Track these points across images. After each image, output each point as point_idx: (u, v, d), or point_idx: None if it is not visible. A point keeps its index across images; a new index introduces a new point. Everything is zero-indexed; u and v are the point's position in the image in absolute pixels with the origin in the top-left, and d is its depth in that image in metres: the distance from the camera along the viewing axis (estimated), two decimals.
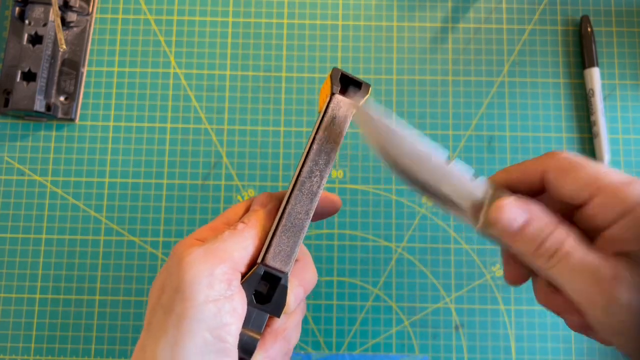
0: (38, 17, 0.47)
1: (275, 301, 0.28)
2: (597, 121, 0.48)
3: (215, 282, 0.26)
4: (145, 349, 0.26)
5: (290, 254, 0.28)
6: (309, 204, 0.28)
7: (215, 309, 0.25)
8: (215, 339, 0.25)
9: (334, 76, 0.29)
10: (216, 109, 0.49)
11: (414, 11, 0.51)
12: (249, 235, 0.28)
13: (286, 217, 0.28)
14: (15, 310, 0.45)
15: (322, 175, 0.28)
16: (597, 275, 0.23)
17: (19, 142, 0.48)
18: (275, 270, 0.27)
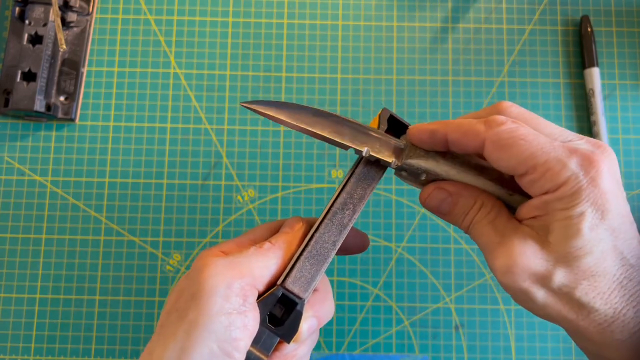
0: (38, 17, 0.47)
1: (288, 325, 0.28)
2: (597, 121, 0.48)
3: (231, 295, 0.26)
4: (153, 351, 0.26)
5: (310, 281, 0.28)
6: (337, 235, 0.29)
7: (227, 321, 0.25)
8: (221, 352, 0.25)
9: (383, 116, 0.30)
10: (216, 109, 0.49)
11: (414, 11, 0.51)
12: (274, 255, 0.28)
13: (312, 245, 0.28)
14: (15, 310, 0.45)
15: (355, 210, 0.29)
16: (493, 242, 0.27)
17: (19, 142, 0.48)
18: (293, 294, 0.28)
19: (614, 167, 0.26)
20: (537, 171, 0.25)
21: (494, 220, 0.27)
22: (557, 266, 0.25)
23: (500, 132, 0.26)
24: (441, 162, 0.29)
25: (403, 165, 0.29)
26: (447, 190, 0.29)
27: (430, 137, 0.28)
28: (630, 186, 0.48)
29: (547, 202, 0.25)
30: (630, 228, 0.26)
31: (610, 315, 0.25)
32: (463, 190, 0.29)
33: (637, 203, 0.48)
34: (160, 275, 0.46)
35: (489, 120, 0.27)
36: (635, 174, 0.48)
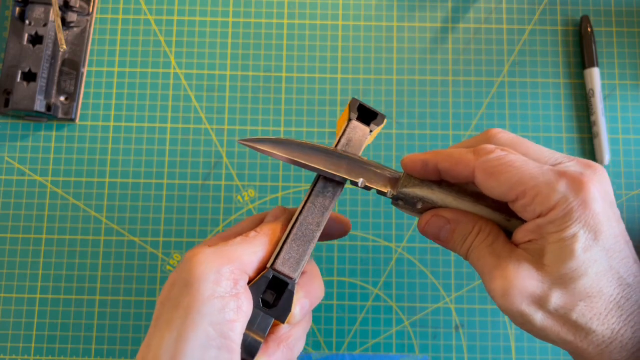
0: (38, 17, 0.47)
1: (281, 306, 0.28)
2: (597, 121, 0.48)
3: (221, 279, 0.26)
4: (150, 343, 0.26)
5: (299, 261, 0.29)
6: (320, 217, 0.30)
7: (220, 304, 0.26)
8: (218, 334, 0.26)
9: (353, 105, 0.32)
10: (216, 109, 0.49)
11: (414, 11, 0.51)
12: (260, 242, 0.29)
13: (297, 227, 0.29)
14: (15, 310, 0.45)
15: (335, 192, 0.30)
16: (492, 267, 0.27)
17: (19, 142, 0.48)
18: (284, 275, 0.28)
19: (605, 186, 0.26)
20: (527, 196, 0.25)
21: (491, 245, 0.28)
22: (553, 288, 0.25)
23: (488, 160, 0.27)
24: (436, 190, 0.29)
25: (398, 194, 0.30)
26: (445, 218, 0.29)
27: (423, 167, 0.29)
28: (630, 186, 0.48)
29: (540, 226, 0.26)
30: (625, 247, 0.26)
31: (607, 336, 0.25)
32: (461, 217, 0.29)
33: (637, 203, 0.48)
34: (160, 275, 0.46)
35: (477, 149, 0.27)
36: (635, 174, 0.48)
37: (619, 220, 0.27)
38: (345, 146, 0.31)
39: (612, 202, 0.26)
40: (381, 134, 0.48)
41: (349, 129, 0.32)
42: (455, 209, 0.29)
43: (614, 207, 0.26)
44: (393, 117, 0.49)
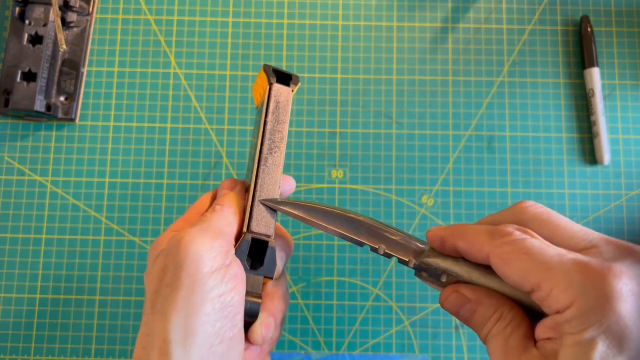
0: (38, 17, 0.47)
1: (267, 263, 0.30)
2: (597, 121, 0.48)
3: (216, 254, 0.27)
4: (152, 331, 0.26)
5: (270, 220, 0.30)
6: (276, 175, 0.31)
7: (219, 277, 0.27)
8: (223, 305, 0.27)
9: (267, 70, 0.33)
10: (216, 109, 0.49)
11: (414, 11, 0.51)
12: (230, 212, 0.30)
13: (259, 189, 0.31)
14: (15, 310, 0.45)
15: (281, 150, 0.32)
16: None
17: (19, 142, 0.48)
18: (261, 235, 0.30)
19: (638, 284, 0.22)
20: (543, 289, 0.23)
21: (508, 338, 0.25)
22: None
23: (502, 245, 0.25)
24: (462, 263, 0.28)
25: (420, 264, 0.29)
26: (466, 297, 0.27)
27: (441, 244, 0.28)
28: (630, 186, 0.48)
29: (557, 323, 0.23)
30: None
31: None
32: (483, 298, 0.27)
33: (637, 203, 0.48)
34: None
35: (493, 231, 0.26)
36: (635, 174, 0.48)
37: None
38: (275, 108, 0.32)
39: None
40: (381, 134, 0.48)
41: (273, 92, 0.32)
42: (481, 286, 0.27)
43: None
44: (393, 117, 0.49)
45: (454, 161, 0.48)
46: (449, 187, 0.48)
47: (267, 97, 0.32)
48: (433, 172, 0.48)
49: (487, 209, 0.47)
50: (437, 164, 0.48)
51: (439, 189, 0.48)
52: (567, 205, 0.47)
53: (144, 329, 0.27)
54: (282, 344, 0.45)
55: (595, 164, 0.48)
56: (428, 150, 0.48)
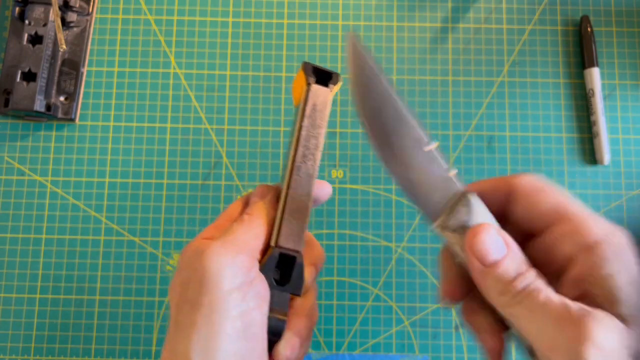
0: (38, 17, 0.47)
1: (294, 280, 0.29)
2: (597, 121, 0.48)
3: (237, 271, 0.26)
4: (176, 348, 0.26)
5: (300, 233, 0.29)
6: (309, 186, 0.30)
7: (240, 295, 0.26)
8: (245, 325, 0.26)
9: (307, 69, 0.31)
10: (216, 109, 0.49)
11: (414, 11, 0.51)
12: (257, 224, 0.29)
13: (290, 201, 0.29)
14: (15, 310, 0.45)
15: (315, 158, 0.30)
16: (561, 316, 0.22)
17: (19, 142, 0.48)
18: (290, 250, 0.28)
19: None
20: (570, 221, 0.23)
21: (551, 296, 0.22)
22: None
23: (532, 179, 0.25)
24: None
25: None
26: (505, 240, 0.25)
27: None
28: (630, 186, 0.48)
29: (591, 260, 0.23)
30: None
31: None
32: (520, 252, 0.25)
33: (637, 203, 0.48)
34: (160, 275, 0.46)
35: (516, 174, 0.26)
36: (635, 174, 0.48)
37: None
38: (312, 112, 0.31)
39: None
40: None
41: (311, 94, 0.31)
42: None
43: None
44: None
45: (454, 161, 0.48)
46: None
47: (304, 100, 0.31)
48: None
49: None
50: None
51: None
52: None
53: (168, 344, 0.27)
54: None
55: (595, 164, 0.48)
56: None
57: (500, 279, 0.24)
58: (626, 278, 0.22)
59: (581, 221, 0.23)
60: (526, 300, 0.23)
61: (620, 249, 0.22)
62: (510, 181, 0.26)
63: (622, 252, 0.22)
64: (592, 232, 0.23)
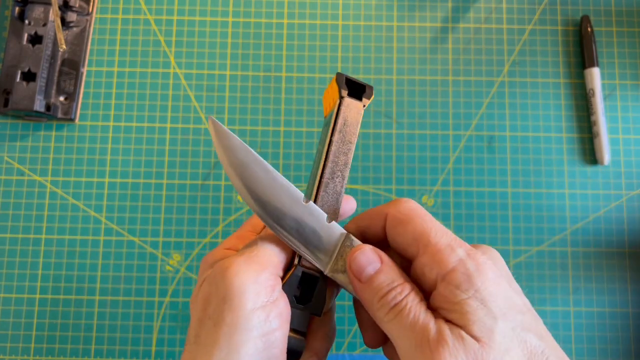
0: (38, 17, 0.47)
1: (315, 300, 0.28)
2: (597, 121, 0.48)
3: (260, 289, 0.26)
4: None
5: None
6: (335, 204, 0.29)
7: (263, 315, 0.25)
8: (266, 345, 0.25)
9: (340, 80, 0.30)
10: (216, 109, 0.49)
11: (414, 11, 0.51)
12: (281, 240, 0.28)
13: None
14: (15, 310, 0.45)
15: (344, 176, 0.30)
16: (424, 336, 0.23)
17: (19, 142, 0.48)
18: (312, 270, 0.28)
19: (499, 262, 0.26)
20: (428, 253, 0.25)
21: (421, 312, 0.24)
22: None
23: (400, 207, 0.27)
24: None
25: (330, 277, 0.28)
26: (379, 256, 0.27)
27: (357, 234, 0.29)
28: (630, 186, 0.48)
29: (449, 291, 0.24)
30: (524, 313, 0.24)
31: None
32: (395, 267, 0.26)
33: (637, 203, 0.48)
34: (160, 275, 0.46)
35: (392, 201, 0.28)
36: (635, 174, 0.48)
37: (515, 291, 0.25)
38: (342, 126, 0.30)
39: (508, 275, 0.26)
40: (381, 134, 0.48)
41: (343, 107, 0.30)
42: None
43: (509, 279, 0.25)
44: (393, 117, 0.49)
45: (454, 161, 0.48)
46: (449, 187, 0.48)
47: (336, 113, 0.30)
48: (433, 172, 0.48)
49: (487, 209, 0.47)
50: (437, 164, 0.48)
51: (439, 189, 0.48)
52: (567, 205, 0.47)
53: (188, 356, 0.26)
54: None
55: (595, 164, 0.48)
56: (428, 150, 0.48)
57: (375, 292, 0.26)
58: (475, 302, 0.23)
59: (437, 251, 0.25)
60: (397, 317, 0.25)
61: (471, 275, 0.24)
62: (382, 212, 0.27)
63: (472, 277, 0.24)
64: (446, 262, 0.24)
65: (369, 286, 0.26)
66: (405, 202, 0.27)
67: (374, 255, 0.26)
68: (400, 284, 0.25)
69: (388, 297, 0.25)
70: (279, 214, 0.27)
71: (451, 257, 0.24)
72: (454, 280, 0.24)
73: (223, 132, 0.28)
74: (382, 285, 0.26)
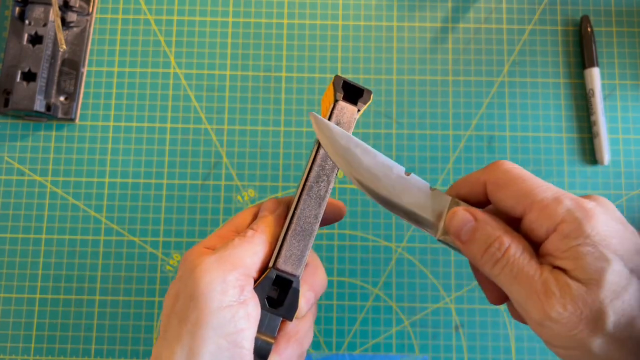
0: (38, 17, 0.47)
1: (287, 305, 0.28)
2: (597, 121, 0.48)
3: (228, 289, 0.26)
4: (160, 356, 0.26)
5: (300, 257, 0.28)
6: (318, 208, 0.29)
7: (229, 314, 0.25)
8: (230, 345, 0.25)
9: (337, 83, 0.30)
10: (216, 109, 0.49)
11: (414, 11, 0.51)
12: (259, 241, 0.28)
13: (295, 222, 0.28)
14: (15, 310, 0.45)
15: (329, 180, 0.29)
16: (532, 287, 0.24)
17: (19, 142, 0.48)
18: (287, 274, 0.28)
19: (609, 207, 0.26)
20: (534, 209, 0.25)
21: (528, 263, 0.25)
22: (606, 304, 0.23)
23: (499, 171, 0.27)
24: None
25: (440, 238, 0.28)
26: (473, 215, 0.27)
27: None
28: (630, 186, 0.48)
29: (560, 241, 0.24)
30: None
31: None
32: (491, 221, 0.26)
33: (637, 203, 0.48)
34: (160, 275, 0.46)
35: (488, 166, 0.28)
36: (635, 174, 0.48)
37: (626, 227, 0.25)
38: None
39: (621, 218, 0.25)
40: (381, 134, 0.48)
41: (336, 111, 0.30)
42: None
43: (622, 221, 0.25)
44: (393, 117, 0.49)
45: (454, 161, 0.48)
46: None
47: (329, 116, 0.30)
48: (433, 172, 0.48)
49: None
50: (437, 164, 0.48)
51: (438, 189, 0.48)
52: None
53: (155, 349, 0.27)
54: None
55: (595, 164, 0.48)
56: (428, 150, 0.48)
57: (477, 249, 0.26)
58: (586, 247, 0.24)
59: (544, 207, 0.25)
60: (503, 271, 0.25)
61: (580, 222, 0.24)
62: (480, 180, 0.27)
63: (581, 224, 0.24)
64: (554, 215, 0.24)
65: (471, 245, 0.26)
66: (500, 165, 0.27)
67: (468, 215, 0.27)
68: (498, 237, 0.25)
69: (489, 251, 0.25)
70: (383, 187, 0.28)
71: (558, 209, 0.24)
72: (563, 231, 0.24)
73: (324, 124, 0.28)
74: (481, 242, 0.26)
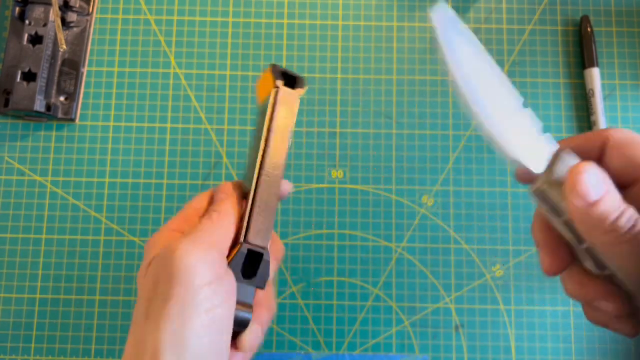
0: (38, 17, 0.47)
1: (260, 275, 0.31)
2: (597, 121, 0.48)
3: (207, 267, 0.28)
4: (144, 338, 0.27)
5: (267, 231, 0.31)
6: (277, 186, 0.32)
7: (210, 291, 0.27)
8: (214, 318, 0.27)
9: (275, 71, 0.32)
10: (216, 109, 0.49)
11: (414, 11, 0.51)
12: (228, 221, 0.31)
13: (258, 201, 0.31)
14: (15, 310, 0.45)
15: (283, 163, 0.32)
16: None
17: (19, 142, 0.48)
18: (257, 247, 0.31)
19: None
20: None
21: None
22: None
23: (624, 131, 0.26)
24: None
25: None
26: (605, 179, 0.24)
27: None
28: None
29: None
30: None
31: None
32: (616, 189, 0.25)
33: None
34: None
35: (607, 128, 0.27)
36: None
37: None
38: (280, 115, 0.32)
39: None
40: (381, 134, 0.48)
41: (279, 97, 0.32)
42: None
43: None
44: (393, 117, 0.49)
45: (454, 161, 0.48)
46: (449, 187, 0.48)
47: (273, 102, 0.32)
48: (433, 172, 0.48)
49: (487, 209, 0.47)
50: (437, 164, 0.48)
51: (439, 189, 0.48)
52: None
53: (134, 335, 0.28)
54: (282, 343, 0.45)
55: None
56: (428, 150, 0.48)
57: (604, 216, 0.24)
58: None
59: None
60: (632, 241, 0.23)
61: None
62: (603, 134, 0.26)
63: None
64: None
65: (596, 208, 0.24)
66: (626, 130, 0.26)
67: (603, 175, 0.24)
68: (627, 207, 0.24)
69: (621, 220, 0.23)
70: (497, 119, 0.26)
71: None
72: None
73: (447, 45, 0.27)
74: (612, 209, 0.24)
